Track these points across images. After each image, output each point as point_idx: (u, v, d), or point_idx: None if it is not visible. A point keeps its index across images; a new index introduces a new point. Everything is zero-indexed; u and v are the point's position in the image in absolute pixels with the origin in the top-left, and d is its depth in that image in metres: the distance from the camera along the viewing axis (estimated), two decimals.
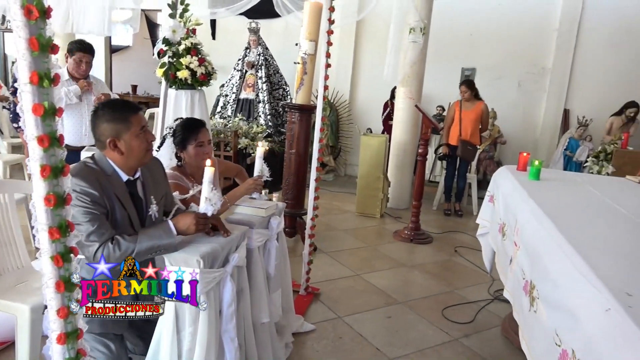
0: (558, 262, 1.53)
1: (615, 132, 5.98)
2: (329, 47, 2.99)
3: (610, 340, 1.08)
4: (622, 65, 6.49)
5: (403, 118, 5.59)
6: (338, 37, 7.13)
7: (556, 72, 6.69)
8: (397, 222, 5.25)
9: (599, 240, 1.70)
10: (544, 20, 6.66)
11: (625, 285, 1.26)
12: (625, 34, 6.43)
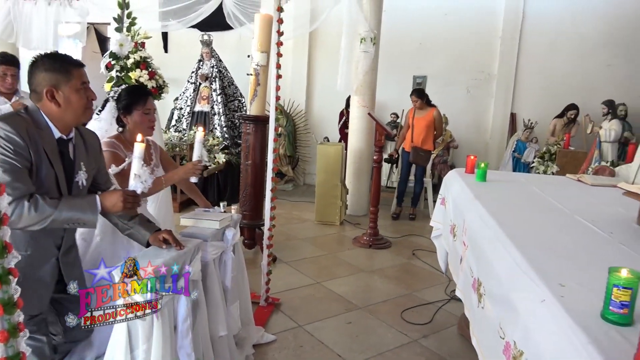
0: (501, 258, 1.61)
1: (558, 134, 6.30)
2: (279, 58, 3.01)
3: (546, 329, 1.14)
4: (561, 70, 6.86)
5: (358, 126, 5.69)
6: (291, 48, 7.20)
7: (502, 78, 6.99)
8: (356, 228, 5.31)
9: (538, 236, 1.79)
10: (488, 28, 6.96)
11: (559, 277, 1.34)
12: (563, 40, 6.81)
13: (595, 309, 1.13)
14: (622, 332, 1.04)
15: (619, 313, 1.07)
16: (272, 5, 3.06)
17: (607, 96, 6.13)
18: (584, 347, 0.99)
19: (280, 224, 5.24)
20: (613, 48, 6.72)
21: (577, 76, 6.81)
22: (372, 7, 5.51)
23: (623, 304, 1.06)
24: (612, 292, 1.07)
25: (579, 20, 6.73)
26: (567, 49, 6.83)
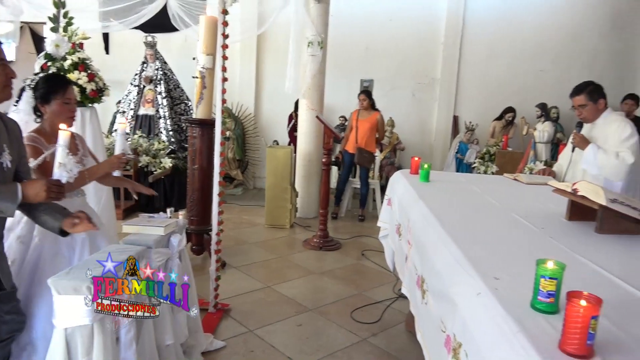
0: (441, 255, 1.67)
1: (497, 135, 6.61)
2: (225, 61, 2.98)
3: (480, 321, 1.19)
4: (499, 75, 7.22)
5: (307, 129, 5.72)
6: (239, 51, 7.15)
7: (444, 82, 7.25)
8: (306, 231, 5.33)
9: (475, 232, 1.88)
10: (431, 34, 7.20)
11: (494, 270, 1.41)
12: (501, 46, 7.16)
13: (525, 299, 1.20)
14: (549, 320, 1.10)
15: (546, 302, 1.14)
16: (217, 7, 3.02)
17: (540, 99, 6.50)
18: (514, 336, 1.04)
19: (229, 228, 5.18)
20: (545, 55, 7.15)
21: (513, 81, 7.18)
22: (319, 11, 5.56)
23: (550, 293, 1.13)
24: (540, 282, 1.14)
25: (514, 29, 7.11)
26: (504, 56, 7.19)
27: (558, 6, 7.07)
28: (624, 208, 1.82)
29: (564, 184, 2.12)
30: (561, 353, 0.97)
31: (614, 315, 1.14)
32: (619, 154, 2.74)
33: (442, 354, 1.44)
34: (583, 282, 1.33)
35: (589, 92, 2.91)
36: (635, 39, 7.18)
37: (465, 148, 6.70)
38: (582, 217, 2.06)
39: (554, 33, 7.11)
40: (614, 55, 7.18)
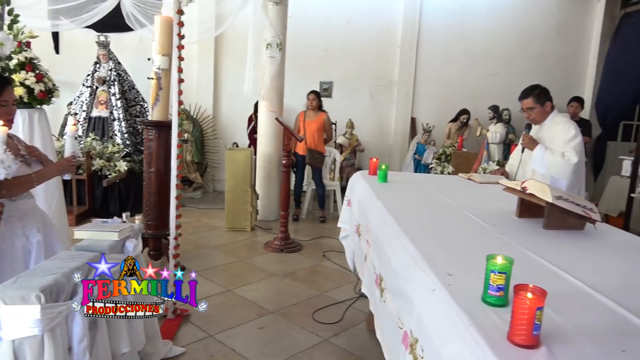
0: (398, 253, 1.71)
1: (453, 136, 6.80)
2: (181, 61, 2.93)
3: (435, 316, 1.23)
4: (454, 78, 7.43)
5: (266, 131, 5.70)
6: (197, 52, 7.04)
7: (402, 84, 7.40)
8: (267, 233, 5.30)
9: (430, 230, 1.93)
10: (388, 38, 7.33)
11: (448, 267, 1.45)
12: (456, 50, 7.38)
13: (477, 293, 1.24)
14: (499, 313, 1.15)
15: (496, 296, 1.18)
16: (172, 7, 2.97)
17: (492, 102, 6.73)
18: (466, 329, 1.08)
19: (188, 232, 5.09)
20: (496, 59, 7.42)
21: (467, 84, 7.41)
22: (277, 13, 5.56)
23: (499, 287, 1.18)
24: (490, 277, 1.19)
25: (468, 34, 7.34)
26: (458, 59, 7.41)
27: (509, 13, 7.36)
28: (568, 204, 1.91)
29: (513, 183, 2.21)
30: (510, 344, 1.02)
31: (559, 306, 1.20)
32: (564, 154, 2.89)
33: (400, 350, 1.47)
34: (531, 276, 1.40)
35: (535, 95, 3.05)
36: (579, 45, 7.56)
37: (422, 149, 6.86)
38: (531, 214, 2.15)
39: (505, 38, 7.39)
40: (560, 60, 7.53)
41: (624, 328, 1.14)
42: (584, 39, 7.55)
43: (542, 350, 1.00)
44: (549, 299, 1.21)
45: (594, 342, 1.04)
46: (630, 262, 1.69)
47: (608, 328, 1.13)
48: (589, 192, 6.86)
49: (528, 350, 0.99)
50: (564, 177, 2.86)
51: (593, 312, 1.22)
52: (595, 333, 1.09)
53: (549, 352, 0.99)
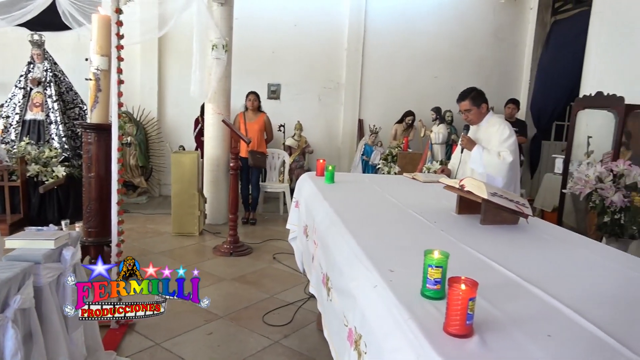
0: (342, 252, 1.73)
1: (399, 137, 6.96)
2: (120, 62, 2.84)
3: (377, 312, 1.26)
4: (400, 80, 7.63)
5: (214, 133, 5.61)
6: (140, 53, 6.84)
7: (349, 87, 7.51)
8: (216, 237, 5.22)
9: (374, 228, 1.98)
10: (335, 40, 7.42)
11: (390, 263, 1.49)
12: (400, 53, 7.57)
13: (417, 288, 1.28)
14: (437, 306, 1.20)
15: (433, 289, 1.23)
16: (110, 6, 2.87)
17: (435, 103, 6.96)
18: (405, 323, 1.12)
19: (133, 239, 4.93)
20: (438, 62, 7.69)
21: (411, 86, 7.63)
22: (222, 14, 5.49)
23: (436, 281, 1.23)
24: (428, 271, 1.23)
25: (411, 38, 7.56)
26: (403, 63, 7.62)
27: (449, 17, 7.64)
28: (503, 200, 2.02)
29: (452, 181, 2.30)
30: (445, 335, 1.06)
31: (492, 296, 1.27)
32: (500, 154, 3.04)
33: (346, 347, 1.49)
34: (467, 269, 1.46)
35: (472, 97, 3.20)
36: (515, 50, 7.98)
37: (370, 150, 6.98)
38: (469, 211, 2.25)
39: (446, 42, 7.67)
40: (498, 64, 7.91)
41: (550, 314, 1.22)
42: (519, 45, 7.97)
43: (475, 338, 1.05)
44: (483, 290, 1.28)
45: (523, 329, 1.11)
46: (558, 253, 1.81)
47: (536, 315, 1.20)
48: (526, 189, 7.24)
49: (462, 340, 1.04)
50: (500, 175, 3.01)
51: (523, 300, 1.29)
52: (524, 320, 1.16)
53: (481, 340, 1.04)
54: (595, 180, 4.01)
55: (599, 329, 1.13)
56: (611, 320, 1.19)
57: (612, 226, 3.98)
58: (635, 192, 3.87)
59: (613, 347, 1.06)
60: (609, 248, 1.94)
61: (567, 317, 1.20)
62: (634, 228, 3.93)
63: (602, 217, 4.03)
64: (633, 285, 1.50)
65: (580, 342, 1.08)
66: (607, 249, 1.92)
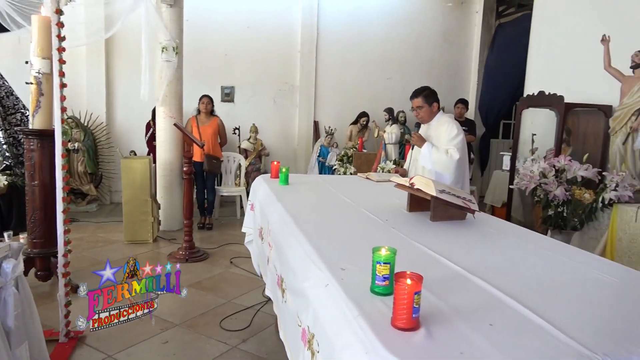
0: (295, 252, 1.74)
1: (354, 138, 7.05)
2: (63, 65, 2.73)
3: (328, 310, 1.28)
4: (353, 81, 7.73)
5: (166, 138, 5.49)
6: (85, 55, 6.61)
7: (304, 89, 7.53)
8: (171, 244, 5.11)
9: (327, 228, 2.00)
10: (288, 43, 7.43)
11: (342, 262, 1.52)
12: (353, 55, 7.68)
13: (367, 285, 1.31)
14: (385, 301, 1.22)
15: (382, 285, 1.26)
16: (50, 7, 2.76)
17: (388, 104, 7.10)
18: (355, 319, 1.14)
19: (83, 248, 4.76)
20: (390, 64, 7.86)
21: (365, 87, 7.75)
22: (172, 16, 5.39)
23: (385, 277, 1.26)
24: (376, 268, 1.26)
25: (364, 40, 7.68)
26: (356, 64, 7.73)
27: (400, 20, 7.82)
28: (451, 197, 2.08)
29: (403, 179, 2.36)
30: (393, 329, 1.09)
31: (439, 289, 1.31)
32: (448, 151, 3.14)
33: (300, 347, 1.50)
34: (417, 264, 1.50)
35: (424, 95, 3.30)
36: (463, 52, 8.25)
37: (326, 151, 7.03)
38: (419, 208, 2.31)
39: (397, 45, 7.84)
40: (447, 66, 8.16)
41: (493, 304, 1.27)
42: (467, 47, 8.26)
43: (422, 331, 1.08)
44: (430, 283, 1.32)
45: (467, 319, 1.15)
46: (502, 246, 1.89)
47: (479, 305, 1.25)
48: (476, 186, 7.50)
49: (409, 333, 1.07)
50: (448, 172, 3.11)
51: (467, 292, 1.34)
52: (468, 311, 1.21)
53: (427, 332, 1.07)
54: (539, 176, 4.22)
55: (536, 315, 1.19)
56: (548, 306, 1.25)
57: (555, 219, 4.19)
58: (576, 186, 4.10)
59: (547, 331, 1.12)
60: (549, 239, 2.04)
61: (508, 306, 1.25)
62: (575, 220, 4.15)
63: (546, 210, 4.24)
64: (569, 273, 1.59)
65: (519, 329, 1.13)
66: (548, 241, 2.02)
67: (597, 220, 4.18)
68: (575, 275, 1.56)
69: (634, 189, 3.96)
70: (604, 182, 4.02)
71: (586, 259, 1.75)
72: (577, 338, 1.08)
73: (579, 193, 4.03)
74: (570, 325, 1.15)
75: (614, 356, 1.03)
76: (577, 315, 1.23)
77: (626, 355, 1.04)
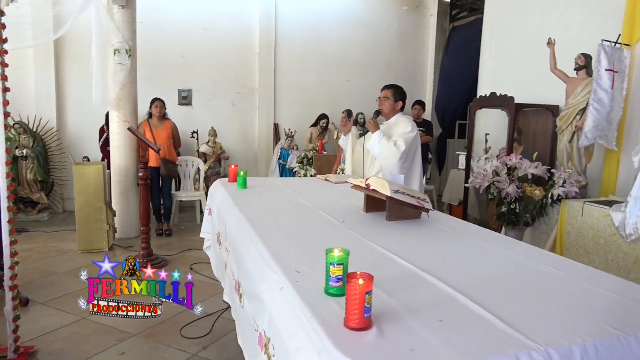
0: (252, 256, 1.73)
1: (314, 140, 7.07)
2: (5, 68, 2.60)
3: (283, 314, 1.28)
4: (312, 83, 7.75)
5: (121, 142, 5.33)
6: (33, 58, 6.34)
7: (263, 91, 7.49)
8: (128, 251, 4.97)
9: (284, 231, 2.00)
10: (246, 45, 7.37)
11: (297, 265, 1.52)
12: (312, 57, 7.70)
13: (322, 287, 1.32)
14: (339, 302, 1.24)
15: (336, 286, 1.27)
16: None
17: (348, 105, 7.14)
18: (308, 322, 1.14)
19: (33, 259, 4.57)
20: (349, 66, 7.93)
21: (324, 89, 7.79)
22: (124, 17, 5.25)
23: (338, 278, 1.27)
24: (330, 269, 1.27)
25: (322, 42, 7.72)
26: (315, 66, 7.76)
27: (358, 23, 7.90)
28: (405, 197, 2.13)
29: (359, 180, 2.39)
30: (346, 329, 1.10)
31: (391, 288, 1.34)
32: (396, 142, 3.22)
33: (257, 352, 1.49)
34: (371, 264, 1.53)
35: (395, 90, 3.43)
36: (419, 54, 8.44)
37: (286, 154, 7.02)
38: (376, 208, 2.34)
39: (356, 46, 7.93)
40: (404, 67, 8.32)
41: (443, 301, 1.31)
42: (422, 49, 8.44)
43: (373, 330, 1.09)
44: (383, 283, 1.34)
45: (418, 316, 1.18)
46: (454, 243, 1.95)
47: (430, 302, 1.29)
48: (435, 185, 7.68)
49: (361, 333, 1.08)
50: (392, 162, 3.18)
51: (419, 290, 1.37)
52: (420, 308, 1.24)
53: (379, 331, 1.09)
54: (492, 174, 4.37)
55: (485, 311, 1.23)
56: (495, 301, 1.30)
57: (509, 215, 4.35)
58: (527, 183, 4.26)
59: (494, 325, 1.16)
60: (499, 236, 2.12)
61: (458, 302, 1.29)
62: (527, 216, 4.32)
63: (500, 207, 4.39)
64: (517, 268, 1.65)
65: (467, 323, 1.17)
66: (499, 237, 2.09)
67: (547, 216, 4.37)
68: (522, 270, 1.62)
69: (579, 185, 4.17)
70: (552, 179, 4.20)
71: (532, 253, 1.83)
72: (521, 330, 1.13)
73: (530, 190, 4.19)
74: (516, 318, 1.20)
75: (555, 346, 1.07)
76: (523, 309, 1.28)
77: (567, 344, 1.09)
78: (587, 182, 4.38)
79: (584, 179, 4.31)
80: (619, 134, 4.20)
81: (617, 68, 4.00)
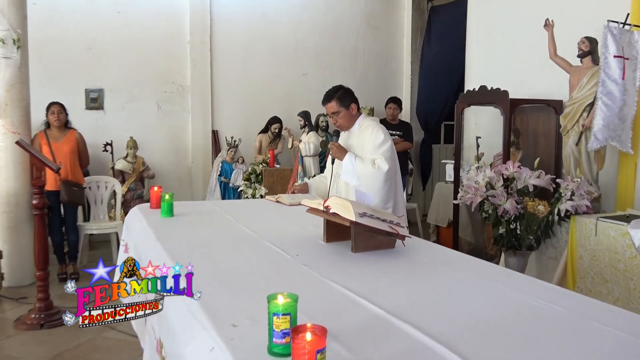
0: (177, 308, 1.69)
1: (264, 151, 7.06)
2: None
3: None
4: (260, 79, 7.77)
5: (7, 161, 5.17)
6: None
7: (197, 89, 7.45)
8: (20, 304, 4.79)
9: (218, 271, 1.97)
10: (174, 31, 7.32)
11: (234, 317, 1.49)
12: (258, 47, 7.74)
13: (264, 345, 1.30)
14: None
15: (282, 343, 1.25)
16: None
17: (306, 106, 7.19)
18: None
19: None
20: (306, 57, 8.02)
21: (275, 86, 7.82)
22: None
23: (284, 332, 1.24)
24: (273, 322, 1.25)
25: (270, 28, 7.78)
26: (262, 58, 7.78)
27: (314, 4, 8.01)
28: (374, 221, 2.14)
29: (315, 202, 2.38)
30: None
31: (353, 341, 1.33)
32: (375, 162, 3.22)
33: None
34: (330, 310, 1.53)
35: (339, 97, 3.37)
36: (392, 40, 8.61)
37: (229, 169, 6.95)
38: (339, 237, 2.34)
39: (311, 32, 8.02)
40: (374, 56, 8.46)
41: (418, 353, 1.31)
42: (396, 34, 8.63)
43: None
44: (343, 334, 1.34)
45: None
46: (434, 278, 1.97)
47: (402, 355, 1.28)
48: (418, 203, 7.79)
49: None
50: (376, 188, 3.18)
51: (388, 341, 1.37)
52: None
53: None
54: (485, 187, 4.46)
55: None
56: (479, 349, 1.32)
57: (508, 238, 4.44)
58: (528, 197, 4.36)
59: None
60: (493, 267, 2.16)
61: (435, 352, 1.30)
62: (530, 238, 4.42)
63: (497, 228, 4.48)
64: (506, 306, 1.68)
65: None
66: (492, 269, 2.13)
67: (554, 237, 4.48)
68: (517, 311, 1.65)
69: (591, 197, 4.30)
70: (559, 191, 4.32)
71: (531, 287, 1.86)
72: None
73: (532, 205, 4.30)
74: None
75: None
76: (512, 358, 1.30)
77: None
78: (600, 194, 4.53)
79: (596, 190, 4.45)
80: (635, 134, 4.37)
81: (628, 54, 4.19)
